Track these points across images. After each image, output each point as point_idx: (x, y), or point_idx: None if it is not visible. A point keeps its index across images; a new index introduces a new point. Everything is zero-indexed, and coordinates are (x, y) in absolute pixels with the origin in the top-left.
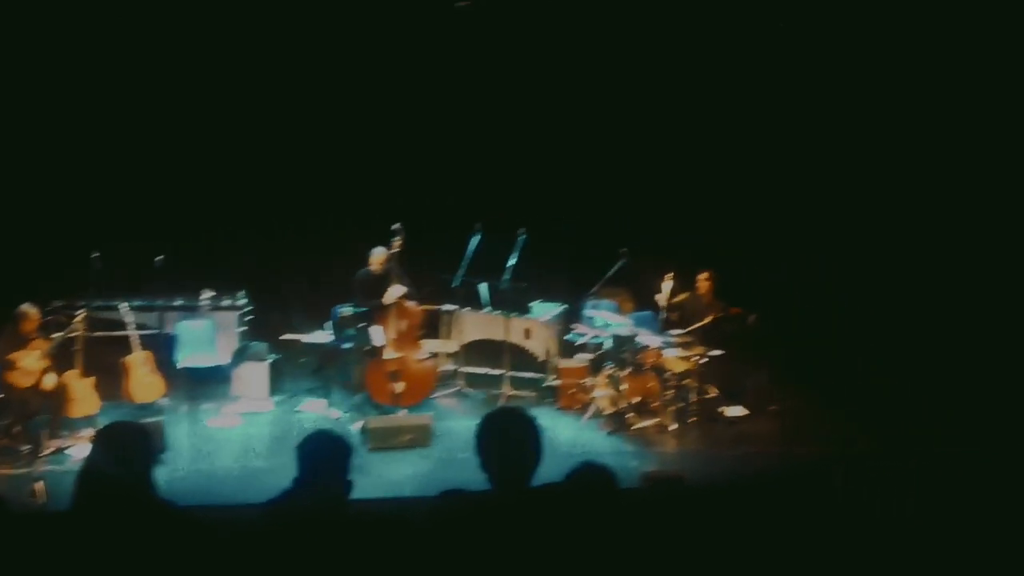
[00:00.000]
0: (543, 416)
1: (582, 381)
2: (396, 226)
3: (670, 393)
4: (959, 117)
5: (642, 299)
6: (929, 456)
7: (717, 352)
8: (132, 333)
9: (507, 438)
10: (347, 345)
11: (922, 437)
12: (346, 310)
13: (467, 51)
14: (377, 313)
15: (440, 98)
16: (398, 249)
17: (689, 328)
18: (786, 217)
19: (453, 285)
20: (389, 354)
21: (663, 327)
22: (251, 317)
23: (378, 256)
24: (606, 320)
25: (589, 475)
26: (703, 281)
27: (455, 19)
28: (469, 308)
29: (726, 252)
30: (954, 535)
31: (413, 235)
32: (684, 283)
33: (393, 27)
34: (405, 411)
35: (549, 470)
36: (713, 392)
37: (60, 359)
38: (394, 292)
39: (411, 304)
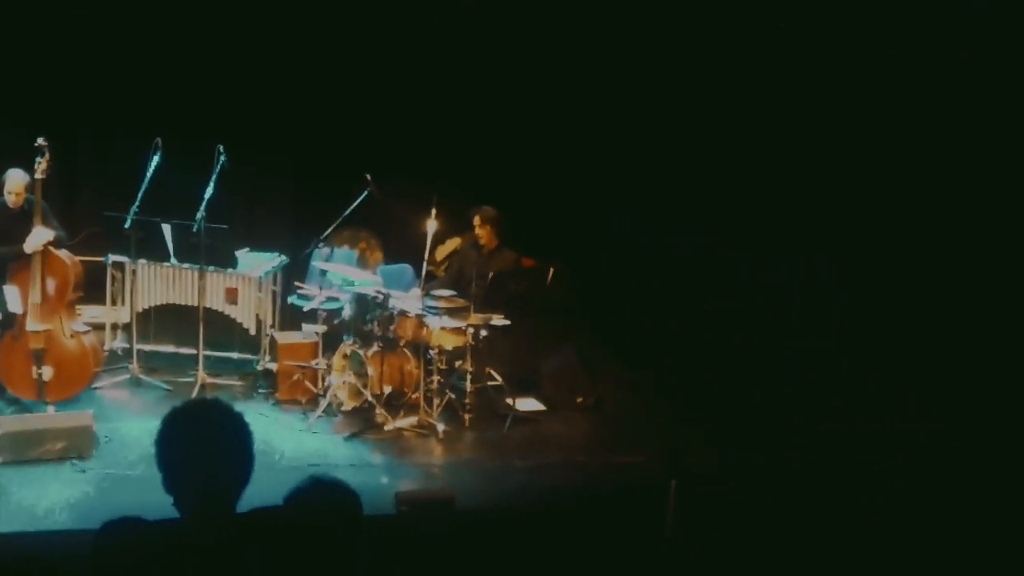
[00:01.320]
0: (254, 413)
1: (310, 364)
2: (40, 141)
3: (436, 380)
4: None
5: (395, 245)
6: (790, 467)
7: (502, 321)
8: None
9: (201, 445)
10: None
11: (784, 440)
12: None
13: None
14: (13, 267)
15: None
16: (43, 175)
17: (463, 287)
18: (603, 138)
19: (124, 227)
20: (31, 325)
21: (426, 286)
22: None
23: (16, 183)
24: (344, 276)
25: (320, 497)
26: (481, 223)
27: None
28: (146, 259)
29: (516, 180)
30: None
31: (64, 153)
32: (456, 224)
33: None
34: (54, 407)
35: (263, 490)
36: (497, 378)
37: None
38: (38, 237)
39: (62, 254)
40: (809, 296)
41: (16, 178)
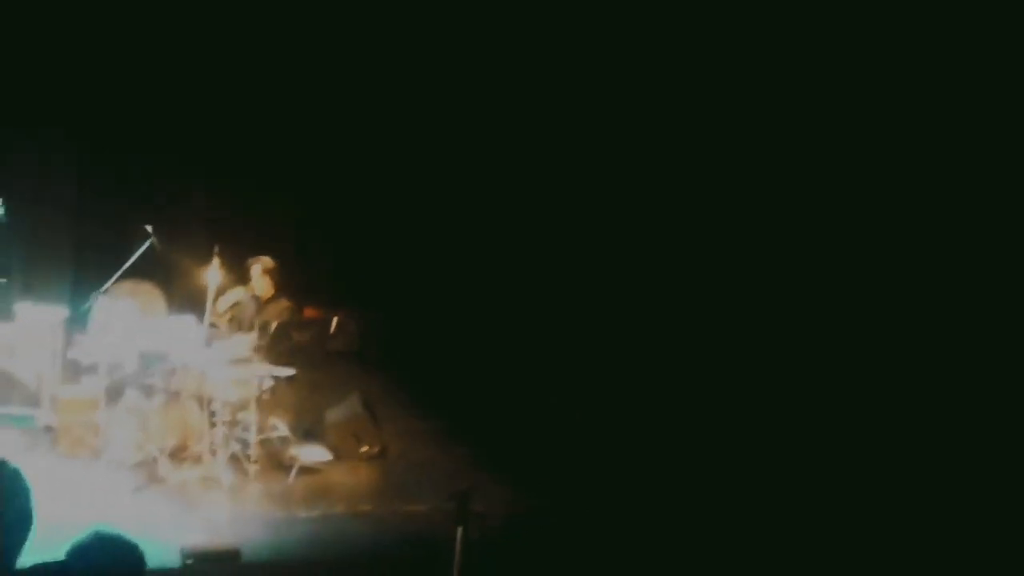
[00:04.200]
0: (35, 468)
1: (92, 418)
2: None
3: (220, 431)
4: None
5: (178, 296)
6: (581, 509)
7: (287, 371)
8: None
9: None
10: None
11: (571, 483)
12: None
13: None
14: None
15: None
16: None
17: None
18: (393, 172)
19: None
20: None
21: (208, 337)
22: None
23: None
24: (125, 328)
25: (102, 551)
26: (262, 273)
27: None
28: None
29: (302, 227)
30: None
31: None
32: (239, 273)
33: None
34: None
35: (44, 546)
36: (282, 429)
37: None
38: None
39: None
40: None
41: None
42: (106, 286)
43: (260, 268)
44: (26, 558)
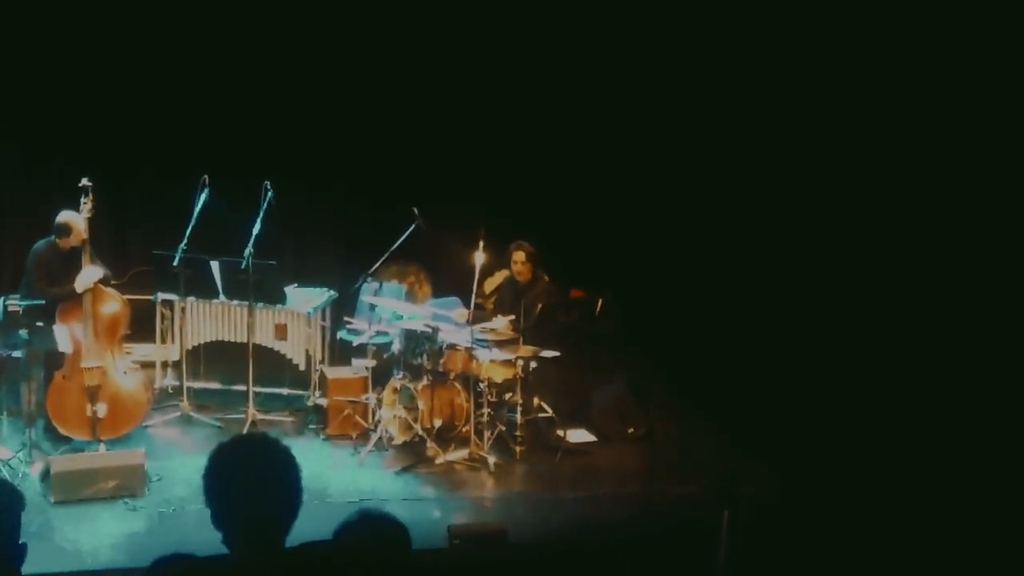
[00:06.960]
0: (304, 448)
1: (360, 399)
2: (84, 181)
3: (486, 413)
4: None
5: (444, 279)
6: (843, 494)
7: (552, 353)
8: None
9: (249, 480)
10: (18, 353)
11: (834, 469)
12: (15, 302)
13: None
14: (62, 306)
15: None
16: (88, 215)
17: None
18: (646, 161)
19: (173, 265)
20: (85, 362)
21: (474, 319)
22: None
23: (81, 227)
24: (393, 310)
25: (370, 531)
26: (525, 259)
27: None
28: (195, 297)
29: (563, 209)
30: None
31: (108, 192)
32: (503, 256)
33: None
34: (105, 446)
35: (313, 525)
36: (547, 410)
37: None
38: (88, 276)
39: (111, 292)
40: (861, 317)
41: (80, 221)
42: (373, 268)
43: (523, 253)
44: (294, 536)
